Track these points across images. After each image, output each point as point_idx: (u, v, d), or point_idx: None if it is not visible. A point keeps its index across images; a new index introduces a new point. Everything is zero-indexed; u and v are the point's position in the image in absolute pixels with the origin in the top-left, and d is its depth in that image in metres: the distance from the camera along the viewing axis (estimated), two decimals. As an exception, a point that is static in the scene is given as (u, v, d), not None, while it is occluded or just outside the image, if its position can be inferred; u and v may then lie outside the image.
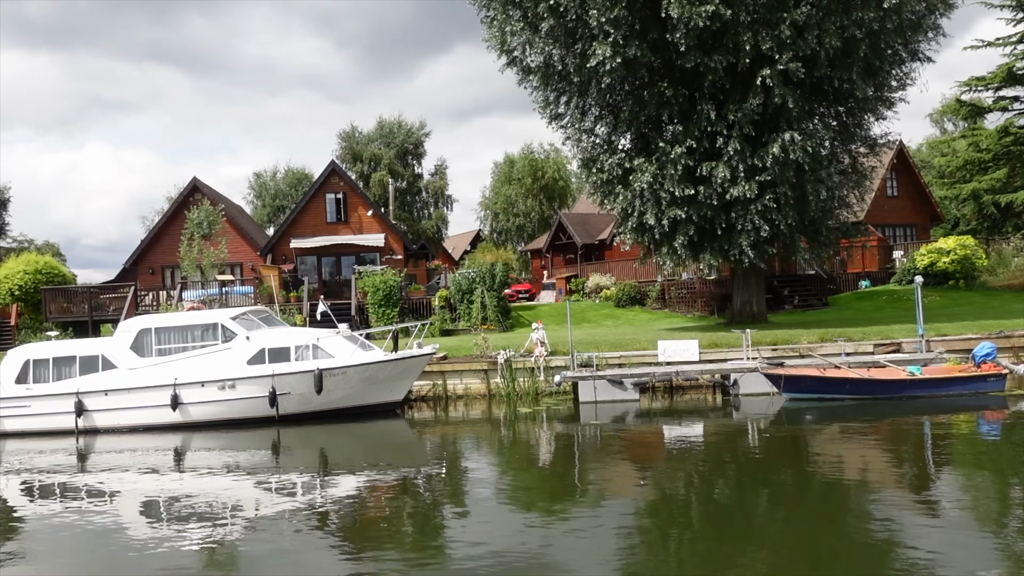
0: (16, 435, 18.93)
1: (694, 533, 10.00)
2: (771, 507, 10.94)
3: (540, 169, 48.49)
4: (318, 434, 18.28)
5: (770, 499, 11.24)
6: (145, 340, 18.90)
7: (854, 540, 9.09)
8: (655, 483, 12.57)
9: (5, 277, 33.00)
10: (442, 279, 37.58)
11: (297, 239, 37.71)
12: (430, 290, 35.15)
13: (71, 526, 11.61)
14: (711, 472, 13.07)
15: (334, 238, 37.93)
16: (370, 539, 10.34)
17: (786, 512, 10.79)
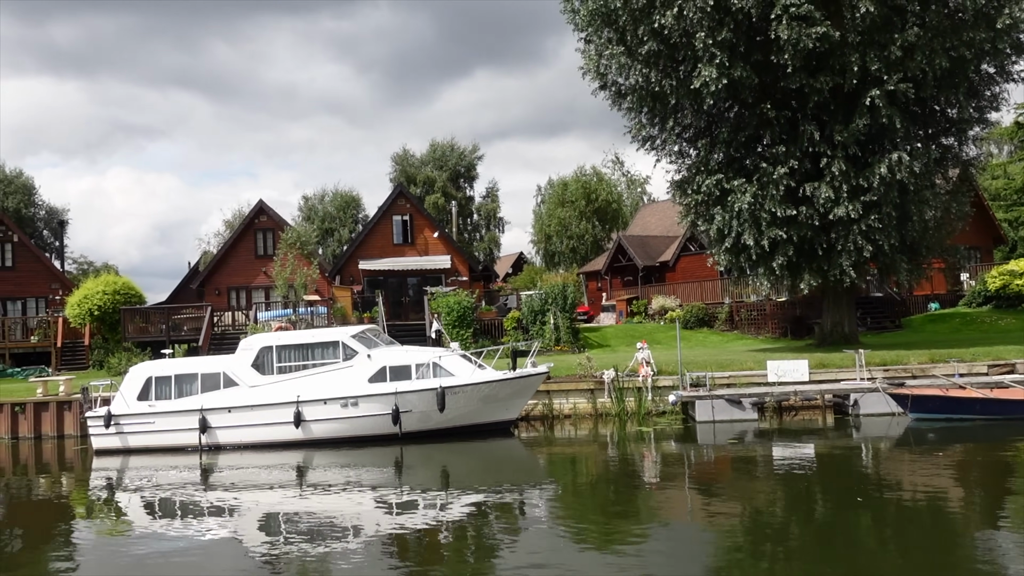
0: (140, 451, 19.12)
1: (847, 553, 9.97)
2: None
3: (593, 191, 48.64)
4: (439, 452, 18.36)
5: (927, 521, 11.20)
6: (266, 358, 19.09)
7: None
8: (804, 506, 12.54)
9: (85, 297, 33.36)
10: (510, 300, 37.69)
11: (365, 261, 38.00)
12: (499, 311, 35.25)
13: (191, 542, 11.82)
14: (864, 492, 12.98)
15: (400, 260, 38.21)
16: (488, 558, 10.37)
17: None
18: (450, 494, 14.46)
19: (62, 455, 21.24)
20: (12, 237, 41.13)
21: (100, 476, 18.01)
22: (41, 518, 14.92)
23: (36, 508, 15.88)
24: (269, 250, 40.73)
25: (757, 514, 11.86)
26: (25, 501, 16.42)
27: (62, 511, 15.45)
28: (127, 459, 18.92)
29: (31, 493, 17.08)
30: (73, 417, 22.64)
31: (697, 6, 20.69)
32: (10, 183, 50.50)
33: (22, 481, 18.25)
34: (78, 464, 19.77)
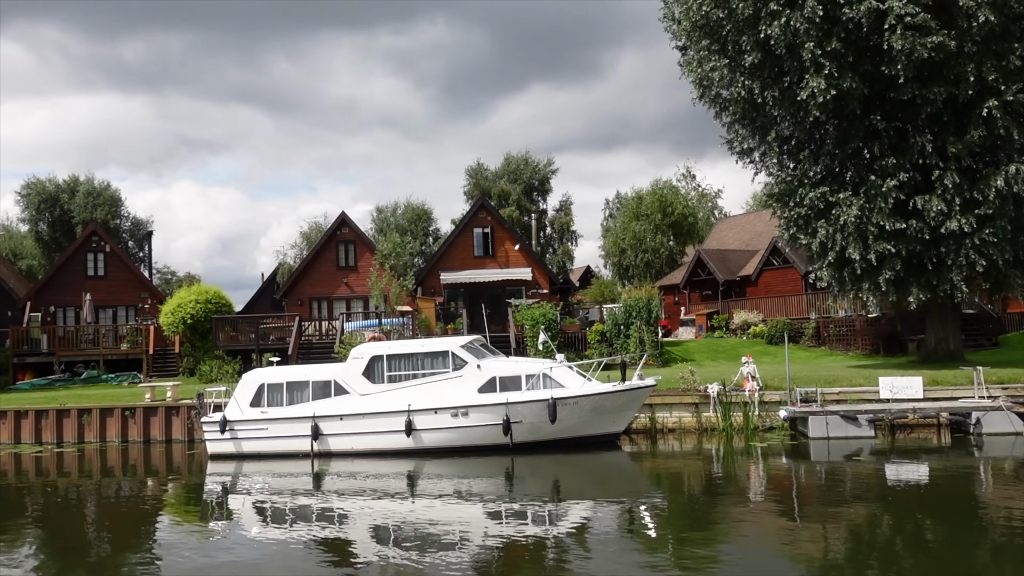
0: (253, 457, 19.47)
1: None
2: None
3: (669, 205, 48.31)
4: (548, 463, 18.33)
5: None
6: (377, 367, 19.30)
7: None
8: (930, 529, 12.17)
9: (178, 306, 34.20)
10: (591, 313, 37.59)
11: (446, 273, 38.27)
12: (582, 324, 35.16)
13: (300, 547, 11.98)
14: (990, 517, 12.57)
15: (481, 272, 38.39)
16: (594, 572, 10.26)
17: None
18: (560, 505, 14.42)
19: (170, 459, 21.75)
20: (105, 247, 42.45)
21: (215, 480, 18.39)
22: (158, 519, 15.32)
23: (154, 509, 16.31)
24: (351, 262, 41.35)
25: (882, 537, 11.53)
26: (141, 502, 16.86)
27: (177, 513, 15.81)
28: (240, 464, 19.29)
29: (148, 495, 17.52)
30: (181, 422, 23.19)
31: (805, 17, 20.46)
32: (98, 195, 52.18)
33: (135, 483, 18.73)
34: (187, 468, 20.24)
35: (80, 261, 42.01)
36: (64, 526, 14.97)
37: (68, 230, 51.90)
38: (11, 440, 23.93)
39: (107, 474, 20.17)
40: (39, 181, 52.77)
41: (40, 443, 23.78)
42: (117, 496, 17.50)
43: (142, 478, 19.34)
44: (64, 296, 41.48)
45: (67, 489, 18.45)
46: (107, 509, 16.41)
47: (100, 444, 23.46)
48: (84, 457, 22.13)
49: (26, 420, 23.95)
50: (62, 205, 51.72)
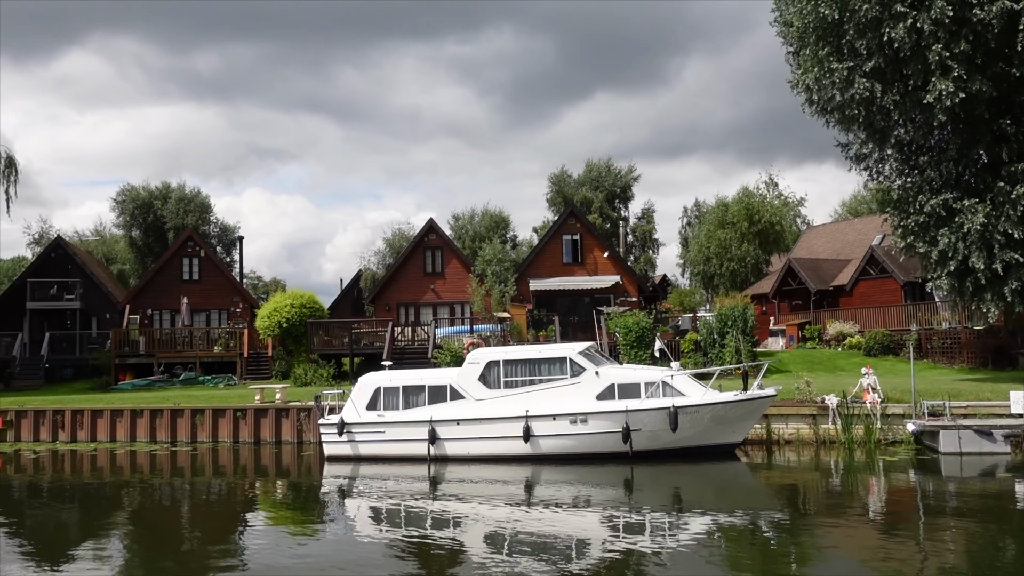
0: (369, 459, 19.61)
1: None
2: None
3: (756, 213, 47.48)
4: (667, 473, 18.04)
5: None
6: (493, 372, 19.28)
7: None
8: None
9: (275, 310, 34.81)
10: (681, 321, 37.10)
11: (535, 280, 38.21)
12: (675, 332, 34.69)
13: (413, 550, 11.99)
14: None
15: (570, 279, 38.23)
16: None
17: None
18: (680, 516, 14.12)
19: (280, 459, 22.03)
20: (199, 252, 43.54)
21: (332, 482, 18.57)
22: (273, 518, 15.57)
23: (270, 508, 16.54)
24: (437, 268, 41.63)
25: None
26: (257, 501, 17.13)
27: (292, 512, 16.01)
28: (357, 466, 19.45)
29: (263, 494, 17.78)
30: (290, 424, 23.53)
31: (933, 18, 19.84)
32: (190, 201, 53.63)
33: (249, 483, 19.01)
34: (296, 469, 20.48)
35: (176, 265, 43.15)
36: (182, 523, 15.31)
37: (160, 235, 53.43)
38: (127, 438, 24.61)
39: (220, 473, 20.56)
40: (133, 188, 54.51)
41: (155, 441, 24.39)
42: (232, 495, 17.83)
43: (255, 478, 19.66)
44: (160, 299, 42.64)
45: (182, 487, 18.91)
46: (224, 507, 16.78)
47: (212, 444, 23.95)
48: (197, 456, 22.61)
49: (141, 419, 24.61)
50: (155, 211, 53.25)
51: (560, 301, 38.50)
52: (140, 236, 53.55)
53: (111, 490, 18.65)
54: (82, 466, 21.87)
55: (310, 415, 23.34)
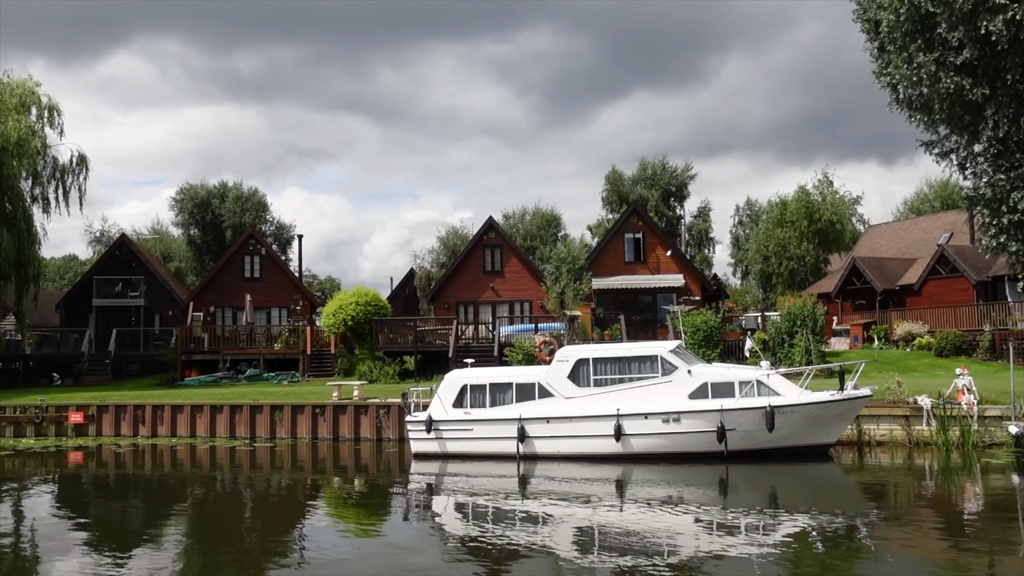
0: (457, 457, 19.58)
1: None
2: None
3: (816, 211, 46.78)
4: (761, 473, 17.75)
5: None
6: (582, 370, 19.14)
7: None
8: None
9: (339, 308, 34.99)
10: (745, 321, 36.64)
11: (597, 278, 37.98)
12: (742, 332, 34.24)
13: (498, 548, 11.88)
14: None
15: (632, 278, 37.96)
16: None
17: None
18: (775, 517, 13.82)
19: (359, 456, 22.06)
20: (260, 250, 43.98)
21: (419, 479, 18.56)
22: (360, 514, 15.65)
23: (357, 504, 16.58)
24: (496, 266, 41.58)
25: None
26: (343, 497, 17.18)
27: (381, 510, 16.01)
28: (445, 464, 19.42)
29: (347, 491, 17.83)
30: (369, 421, 23.60)
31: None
32: (247, 200, 54.20)
33: (333, 479, 19.08)
34: (375, 465, 20.51)
35: (238, 263, 43.63)
36: (266, 517, 15.37)
37: (218, 233, 54.05)
38: (207, 433, 24.87)
39: (299, 468, 20.68)
40: (192, 186, 55.24)
41: (234, 437, 24.63)
42: (317, 491, 17.89)
43: (339, 475, 19.74)
44: (223, 297, 43.15)
45: (264, 481, 19.03)
46: (310, 503, 16.80)
47: (291, 440, 24.11)
48: (276, 452, 22.76)
49: (220, 415, 24.86)
50: (213, 209, 53.88)
51: (621, 300, 38.25)
52: (199, 234, 54.20)
53: (191, 484, 18.87)
54: (162, 461, 22.15)
55: (389, 412, 23.40)
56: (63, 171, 34.58)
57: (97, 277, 42.82)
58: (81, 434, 25.63)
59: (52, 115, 34.47)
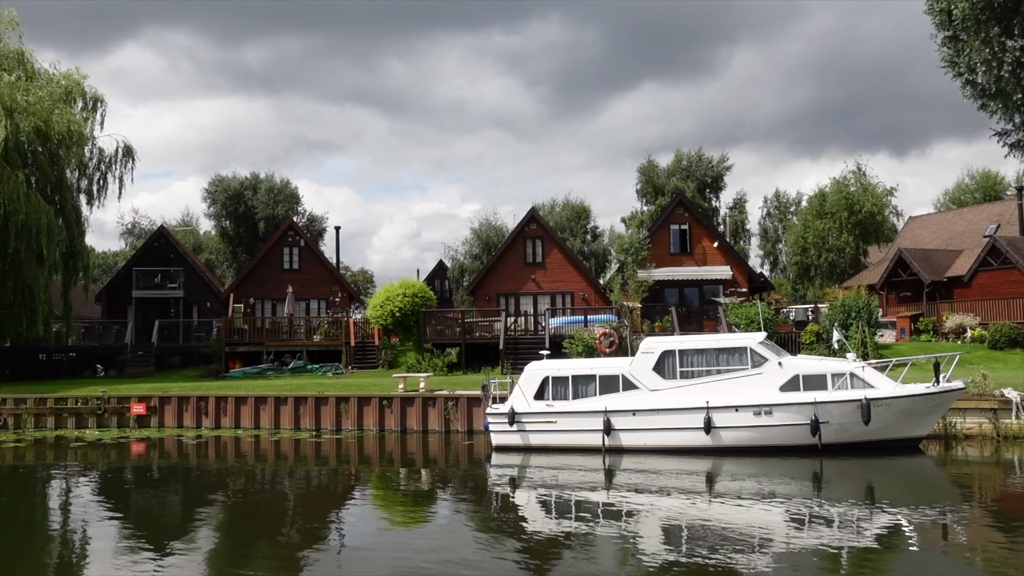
0: (539, 450, 19.36)
1: None
2: None
3: (856, 203, 46.34)
4: (854, 466, 17.49)
5: None
6: (668, 362, 18.90)
7: None
8: None
9: (387, 299, 34.82)
10: (794, 313, 36.32)
11: (643, 270, 37.67)
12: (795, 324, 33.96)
13: (580, 540, 11.81)
14: None
15: (679, 270, 37.66)
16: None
17: None
18: (869, 511, 13.56)
19: (426, 447, 21.84)
20: (299, 242, 43.81)
21: (502, 471, 18.33)
22: (443, 506, 15.48)
23: (441, 497, 16.37)
24: (538, 258, 41.33)
25: None
26: (423, 490, 16.97)
27: (461, 502, 15.80)
28: (527, 456, 19.19)
29: (425, 483, 17.63)
30: (437, 412, 23.41)
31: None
32: (279, 192, 54.00)
33: (414, 471, 18.88)
34: (443, 457, 20.31)
35: (277, 255, 43.49)
36: (349, 511, 15.28)
37: (251, 225, 53.87)
38: (271, 425, 24.72)
39: (366, 462, 20.50)
40: (224, 178, 55.06)
41: (299, 429, 24.45)
42: (396, 483, 17.70)
43: (414, 466, 19.55)
44: (262, 288, 43.03)
45: (337, 473, 18.91)
46: (389, 495, 16.64)
47: (358, 432, 23.92)
48: (341, 444, 22.57)
49: (285, 406, 24.72)
50: (246, 201, 53.72)
51: (668, 291, 37.97)
52: (231, 226, 54.05)
53: (258, 476, 18.72)
54: (226, 452, 22.00)
55: (457, 404, 23.21)
56: (109, 162, 34.39)
57: (136, 269, 42.72)
58: (143, 425, 25.50)
59: (97, 106, 34.27)
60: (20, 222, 27.78)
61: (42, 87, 31.88)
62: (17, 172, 28.63)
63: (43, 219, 28.72)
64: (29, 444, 23.36)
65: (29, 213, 28.14)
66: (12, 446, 22.99)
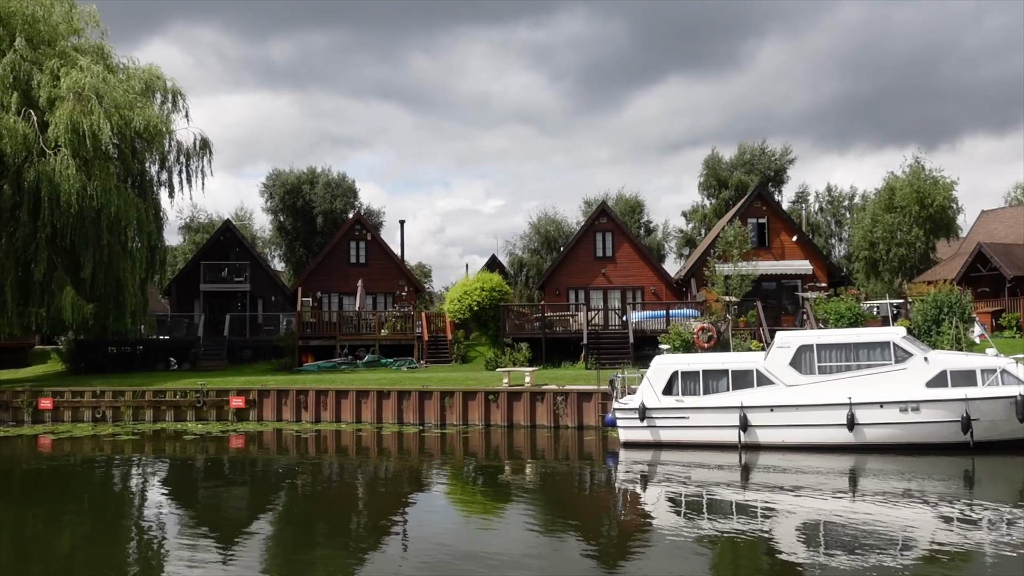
0: (670, 446, 18.95)
1: None
2: None
3: (927, 196, 45.48)
4: (1007, 465, 17.00)
5: None
6: (805, 356, 18.42)
7: None
8: None
9: (465, 294, 34.52)
10: (879, 308, 35.59)
11: (720, 264, 37.09)
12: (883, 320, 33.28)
13: (717, 539, 11.50)
14: None
15: (758, 264, 36.97)
16: None
17: None
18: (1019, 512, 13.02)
19: (534, 442, 21.47)
20: (366, 236, 43.67)
21: (632, 468, 17.95)
22: (572, 503, 15.10)
23: (566, 494, 16.04)
24: (608, 252, 40.89)
25: None
26: (543, 486, 16.65)
27: (591, 498, 15.44)
28: (658, 453, 18.78)
29: (552, 479, 17.33)
30: (545, 407, 23.06)
31: None
32: (337, 186, 53.87)
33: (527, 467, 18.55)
34: (552, 453, 19.94)
35: (344, 248, 43.37)
36: (478, 505, 14.88)
37: (309, 220, 53.79)
38: (373, 419, 24.48)
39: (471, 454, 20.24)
40: (282, 172, 55.00)
41: (402, 423, 24.20)
42: (521, 478, 17.39)
43: (518, 461, 19.31)
44: (329, 282, 42.93)
45: (448, 468, 18.67)
46: (516, 491, 16.28)
47: (463, 427, 23.61)
48: (446, 438, 22.23)
49: (388, 400, 24.50)
50: (303, 196, 53.63)
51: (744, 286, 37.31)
52: (289, 220, 54.00)
53: (370, 470, 18.57)
54: (325, 446, 21.81)
55: (567, 398, 22.84)
56: (187, 155, 34.27)
57: (204, 262, 42.71)
58: (242, 419, 25.36)
59: (176, 99, 34.16)
60: (112, 214, 27.69)
61: (122, 81, 31.80)
62: (109, 164, 28.56)
63: (132, 212, 28.64)
64: (128, 436, 23.22)
65: (120, 206, 28.06)
66: (127, 439, 22.90)
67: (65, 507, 15.01)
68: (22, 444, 22.60)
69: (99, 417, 25.72)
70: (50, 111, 28.39)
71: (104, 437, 23.18)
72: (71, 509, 14.94)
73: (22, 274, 27.53)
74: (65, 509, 14.82)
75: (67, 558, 11.67)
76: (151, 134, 31.02)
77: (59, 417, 25.86)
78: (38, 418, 25.88)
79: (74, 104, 27.73)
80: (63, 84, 28.26)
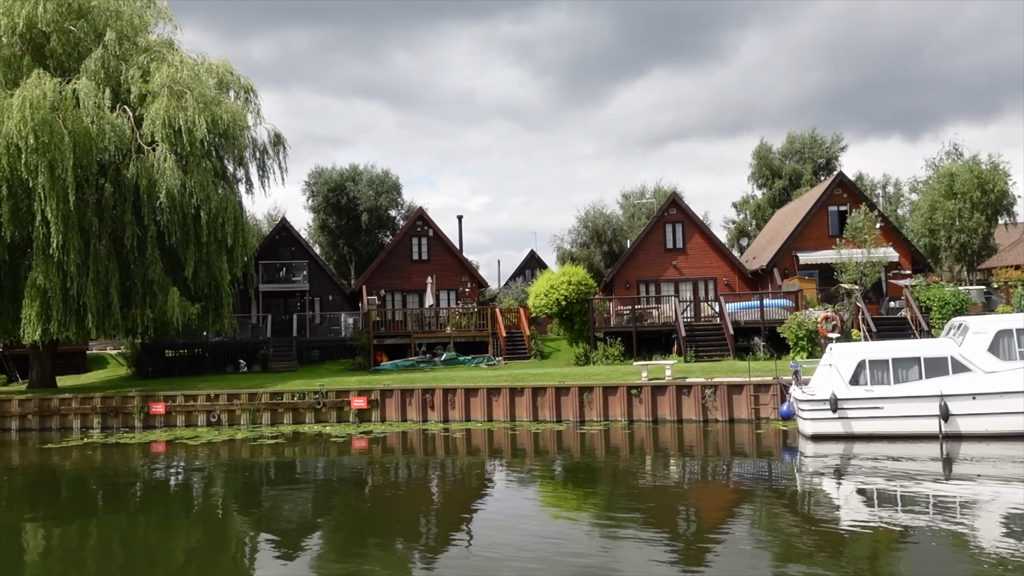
0: (863, 438, 18.27)
1: None
2: None
3: (989, 182, 45.14)
4: None
5: None
6: (1004, 342, 17.83)
7: None
8: None
9: (551, 288, 33.73)
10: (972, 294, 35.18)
11: (802, 252, 36.68)
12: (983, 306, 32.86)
13: (911, 531, 11.18)
14: None
15: (843, 252, 36.48)
16: None
17: None
18: None
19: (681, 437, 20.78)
20: (428, 232, 42.79)
21: (825, 462, 17.29)
22: (763, 501, 14.39)
23: (758, 491, 15.28)
24: (678, 243, 40.33)
25: None
26: (731, 483, 15.94)
27: (771, 495, 14.82)
28: (850, 445, 18.07)
29: (734, 475, 16.74)
30: (692, 401, 22.38)
31: None
32: (382, 183, 52.87)
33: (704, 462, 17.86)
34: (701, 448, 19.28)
35: (406, 246, 42.52)
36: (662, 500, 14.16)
37: (353, 217, 52.78)
38: (505, 417, 23.67)
39: (639, 451, 19.50)
40: (324, 170, 53.94)
41: (537, 420, 23.43)
42: (709, 475, 16.69)
43: (689, 458, 18.62)
44: (391, 280, 42.06)
45: (619, 465, 17.87)
46: (702, 487, 15.75)
47: (604, 423, 22.86)
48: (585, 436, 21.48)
49: (521, 397, 23.69)
50: (348, 192, 52.62)
51: (825, 275, 36.86)
52: (333, 218, 52.93)
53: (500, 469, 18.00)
54: (456, 446, 21.00)
55: (716, 391, 22.17)
56: (263, 151, 33.23)
57: (262, 262, 41.65)
58: (364, 419, 24.47)
59: (249, 96, 33.12)
60: (212, 211, 26.70)
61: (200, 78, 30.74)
62: (204, 160, 27.53)
63: (230, 209, 27.64)
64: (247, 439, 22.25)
65: (218, 203, 27.06)
66: (270, 442, 21.95)
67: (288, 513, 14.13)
68: (186, 450, 21.57)
69: (214, 421, 24.73)
70: (141, 106, 27.35)
71: (244, 441, 22.14)
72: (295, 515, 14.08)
73: (123, 275, 26.43)
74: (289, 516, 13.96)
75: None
76: (236, 129, 30.01)
77: (171, 422, 24.82)
78: (149, 423, 24.84)
79: (168, 99, 26.69)
80: (155, 79, 27.24)
